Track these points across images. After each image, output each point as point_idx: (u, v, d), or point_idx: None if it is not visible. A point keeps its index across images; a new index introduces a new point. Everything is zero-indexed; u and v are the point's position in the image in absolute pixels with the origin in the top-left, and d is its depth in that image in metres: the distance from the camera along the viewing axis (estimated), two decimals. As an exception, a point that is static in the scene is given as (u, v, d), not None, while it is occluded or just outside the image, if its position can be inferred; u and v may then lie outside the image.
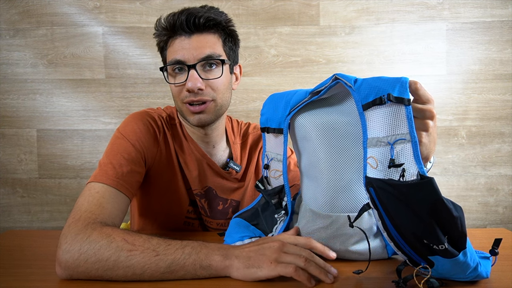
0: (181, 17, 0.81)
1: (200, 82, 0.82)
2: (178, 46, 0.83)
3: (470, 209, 1.71)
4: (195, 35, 0.83)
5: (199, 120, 0.86)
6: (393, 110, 0.52)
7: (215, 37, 0.85)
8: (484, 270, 0.55)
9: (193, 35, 0.83)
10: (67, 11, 1.68)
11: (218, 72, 0.85)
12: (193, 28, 0.82)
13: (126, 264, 0.57)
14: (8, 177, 1.72)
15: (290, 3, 1.69)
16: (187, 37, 0.83)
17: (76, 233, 0.62)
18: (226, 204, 0.98)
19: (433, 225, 0.49)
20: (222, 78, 0.85)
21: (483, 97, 1.69)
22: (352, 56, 1.70)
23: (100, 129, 1.72)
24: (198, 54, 0.82)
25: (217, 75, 0.85)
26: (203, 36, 0.83)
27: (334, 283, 0.57)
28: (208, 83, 0.84)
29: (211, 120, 0.88)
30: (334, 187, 0.63)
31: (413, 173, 0.50)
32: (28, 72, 1.70)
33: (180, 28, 0.82)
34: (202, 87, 0.82)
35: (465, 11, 1.67)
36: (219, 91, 0.86)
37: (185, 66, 0.82)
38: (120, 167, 0.77)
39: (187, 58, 0.82)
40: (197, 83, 0.81)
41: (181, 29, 0.82)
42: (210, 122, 0.88)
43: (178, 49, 0.83)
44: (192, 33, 0.82)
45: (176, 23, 0.82)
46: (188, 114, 0.86)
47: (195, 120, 0.86)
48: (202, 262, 0.58)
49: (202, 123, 0.86)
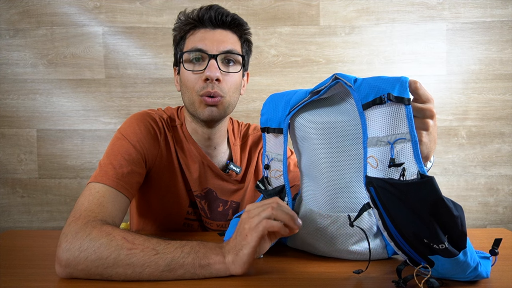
0: (210, 12, 0.85)
1: (219, 72, 0.83)
2: (201, 36, 0.85)
3: (470, 209, 1.71)
4: (219, 29, 0.86)
5: (211, 113, 0.85)
6: (393, 110, 0.52)
7: (235, 36, 0.89)
8: (484, 270, 0.55)
9: (217, 29, 0.86)
10: (67, 11, 1.68)
11: (236, 68, 0.87)
12: (220, 23, 0.85)
13: (126, 262, 0.57)
14: (8, 177, 1.72)
15: (290, 3, 1.69)
16: (211, 29, 0.85)
17: (76, 231, 0.62)
18: (226, 206, 0.98)
19: (434, 225, 0.49)
20: (237, 76, 0.87)
21: (483, 97, 1.69)
22: (352, 56, 1.70)
23: (100, 129, 1.72)
24: (220, 46, 0.84)
25: (235, 70, 0.87)
26: (226, 32, 0.87)
27: (334, 283, 0.57)
28: (224, 78, 0.85)
29: (220, 117, 0.88)
30: (334, 187, 0.63)
31: (413, 172, 0.50)
32: (28, 72, 1.70)
33: (207, 21, 0.85)
34: (221, 78, 0.83)
35: (465, 11, 1.67)
36: (231, 89, 0.87)
37: (206, 55, 0.83)
38: (121, 167, 0.77)
39: (209, 48, 0.84)
40: (216, 72, 0.82)
41: (209, 21, 0.85)
42: (219, 118, 0.88)
43: (201, 38, 0.85)
44: (217, 27, 0.86)
45: (205, 16, 0.85)
46: (200, 107, 0.86)
47: (207, 112, 0.85)
48: (201, 261, 0.58)
49: (213, 117, 0.86)
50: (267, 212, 0.59)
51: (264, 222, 0.58)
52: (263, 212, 0.59)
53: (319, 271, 0.62)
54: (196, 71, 0.85)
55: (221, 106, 0.86)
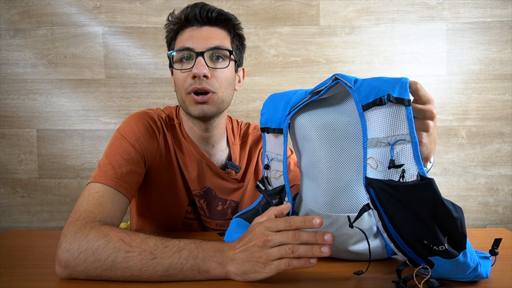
0: (195, 10, 0.85)
1: (207, 69, 0.83)
2: (188, 35, 0.86)
3: (470, 209, 1.71)
4: (206, 26, 0.86)
5: (201, 111, 0.85)
6: (393, 111, 0.52)
7: (224, 32, 0.88)
8: (484, 270, 0.55)
9: (204, 26, 0.86)
10: (67, 11, 1.68)
11: (224, 64, 0.87)
12: (205, 20, 0.86)
13: (124, 265, 0.58)
14: (8, 177, 1.72)
15: (290, 3, 1.69)
16: (198, 27, 0.86)
17: (76, 232, 0.62)
18: (225, 205, 0.98)
19: (433, 226, 0.49)
20: (227, 71, 0.87)
21: (483, 97, 1.69)
22: (352, 56, 1.70)
23: (100, 129, 1.71)
24: (207, 43, 0.84)
25: (223, 66, 0.86)
26: (213, 28, 0.87)
27: (334, 283, 0.57)
28: (213, 73, 0.85)
29: (213, 113, 0.87)
30: (334, 187, 0.63)
31: (413, 174, 0.50)
32: (28, 72, 1.70)
33: (193, 19, 0.85)
34: (208, 75, 0.83)
35: (465, 11, 1.67)
36: (222, 85, 0.86)
37: (193, 53, 0.84)
38: (120, 167, 0.78)
39: (196, 46, 0.84)
40: (203, 69, 0.82)
41: (194, 19, 0.85)
42: (212, 115, 0.88)
43: (188, 37, 0.85)
44: (203, 25, 0.86)
45: (190, 15, 0.85)
46: (190, 104, 0.86)
47: (197, 110, 0.85)
48: (200, 267, 0.58)
49: (204, 114, 0.86)
50: (288, 253, 0.55)
51: (285, 264, 0.54)
52: (283, 252, 0.55)
53: (319, 271, 0.62)
54: (184, 70, 0.85)
55: (212, 102, 0.86)
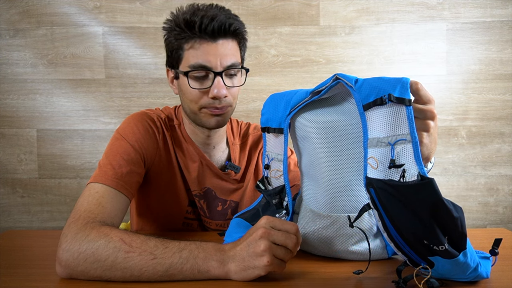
0: (204, 21, 0.78)
1: (226, 90, 0.82)
2: (203, 50, 0.80)
3: (470, 209, 1.71)
4: (219, 40, 0.80)
5: (217, 123, 0.86)
6: (394, 111, 0.52)
7: (235, 43, 0.84)
8: (484, 270, 0.55)
9: (217, 40, 0.80)
10: (67, 11, 1.68)
11: (239, 80, 0.87)
12: (219, 34, 0.80)
13: (124, 266, 0.58)
14: (8, 177, 1.72)
15: (290, 3, 1.69)
16: (212, 42, 0.80)
17: (76, 232, 0.62)
18: (225, 205, 0.98)
19: (433, 226, 0.49)
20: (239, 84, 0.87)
21: (483, 97, 1.69)
22: (352, 56, 1.70)
23: (100, 129, 1.71)
24: (223, 61, 0.81)
25: (239, 83, 0.86)
26: (226, 42, 0.82)
27: (334, 283, 0.57)
28: (229, 91, 0.84)
29: (225, 123, 0.89)
30: (334, 187, 0.63)
31: (414, 173, 0.50)
32: (28, 72, 1.70)
33: (204, 32, 0.79)
34: (227, 95, 0.83)
35: (465, 11, 1.67)
36: (235, 97, 0.88)
37: (211, 72, 0.81)
38: (120, 167, 0.78)
39: (214, 65, 0.80)
40: (223, 91, 0.81)
41: (205, 33, 0.79)
42: (224, 124, 0.89)
43: (203, 53, 0.80)
44: (217, 39, 0.80)
45: (201, 27, 0.78)
46: (206, 118, 0.85)
47: (213, 122, 0.85)
48: (200, 268, 0.58)
49: (220, 125, 0.87)
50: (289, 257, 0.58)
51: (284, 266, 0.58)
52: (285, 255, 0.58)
53: (319, 271, 0.63)
54: (203, 89, 0.82)
55: (227, 114, 0.87)
